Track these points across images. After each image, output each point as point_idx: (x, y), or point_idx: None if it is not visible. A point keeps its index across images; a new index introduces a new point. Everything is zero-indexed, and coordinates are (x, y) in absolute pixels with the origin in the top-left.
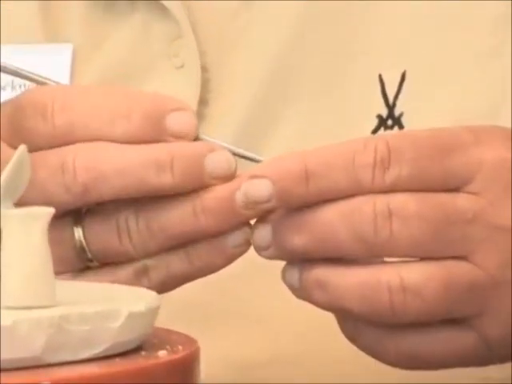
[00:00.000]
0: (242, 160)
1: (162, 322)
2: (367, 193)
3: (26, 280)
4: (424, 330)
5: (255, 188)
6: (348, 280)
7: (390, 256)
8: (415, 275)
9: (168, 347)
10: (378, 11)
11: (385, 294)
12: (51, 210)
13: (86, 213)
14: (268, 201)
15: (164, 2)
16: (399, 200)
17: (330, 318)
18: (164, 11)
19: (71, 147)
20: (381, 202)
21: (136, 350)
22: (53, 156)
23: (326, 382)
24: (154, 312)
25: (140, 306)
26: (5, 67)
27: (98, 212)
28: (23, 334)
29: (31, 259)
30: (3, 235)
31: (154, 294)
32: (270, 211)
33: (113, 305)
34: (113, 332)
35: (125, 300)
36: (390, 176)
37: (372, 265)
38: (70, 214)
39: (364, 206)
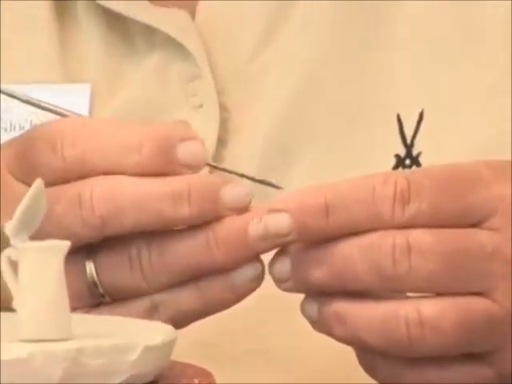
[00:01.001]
0: (258, 191)
1: (178, 356)
2: (387, 227)
3: (41, 313)
4: (441, 363)
5: (275, 221)
6: (366, 314)
7: (408, 290)
8: (433, 310)
9: (184, 380)
10: (396, 52)
11: (403, 328)
12: (67, 244)
13: (98, 247)
14: (287, 234)
15: (182, 42)
16: (418, 235)
17: (342, 355)
18: (182, 51)
19: (88, 180)
20: (400, 236)
21: (152, 383)
22: (69, 189)
23: None
24: (170, 345)
25: (156, 340)
26: (27, 100)
27: (110, 245)
28: (39, 366)
29: (47, 292)
30: (19, 268)
31: (170, 327)
32: (288, 244)
33: (129, 338)
34: (128, 365)
35: (141, 333)
36: (410, 210)
37: (390, 299)
38: (83, 249)
39: (383, 240)
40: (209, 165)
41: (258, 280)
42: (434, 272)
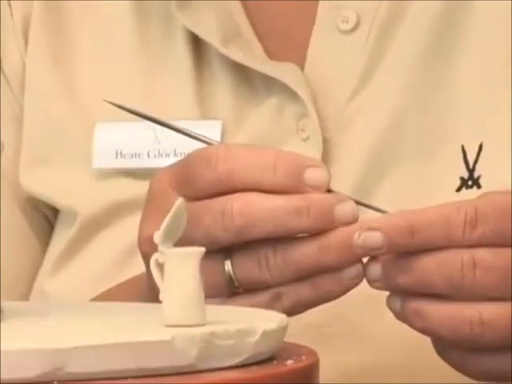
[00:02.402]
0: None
1: (290, 337)
2: (458, 246)
3: (182, 304)
4: (497, 353)
5: (371, 238)
6: (439, 313)
7: (472, 297)
8: (492, 312)
9: (294, 357)
10: (459, 97)
11: (467, 326)
12: (202, 250)
13: (234, 249)
14: (380, 248)
15: (295, 89)
16: (482, 253)
17: (419, 339)
18: (294, 95)
19: (229, 196)
20: (467, 255)
21: (269, 359)
22: (215, 203)
23: None
24: (283, 330)
25: (273, 325)
26: (173, 127)
27: (244, 248)
28: (180, 347)
29: (187, 288)
30: (165, 269)
31: (283, 315)
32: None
33: (251, 324)
34: (250, 346)
35: (260, 320)
36: (477, 233)
37: (458, 301)
38: (222, 250)
39: (454, 257)
40: (331, 189)
41: (360, 277)
42: (494, 283)
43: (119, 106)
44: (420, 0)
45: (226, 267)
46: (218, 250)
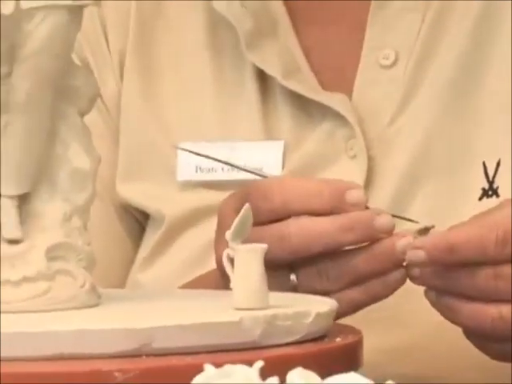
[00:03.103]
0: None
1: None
2: (490, 261)
3: (249, 290)
4: (510, 342)
5: (415, 255)
6: (467, 310)
7: (495, 299)
8: (509, 312)
9: (342, 335)
10: (482, 121)
11: (489, 321)
12: (265, 246)
13: (297, 264)
14: (423, 263)
15: (345, 115)
16: (504, 268)
17: (449, 326)
18: (344, 121)
19: (285, 222)
20: (491, 270)
21: (321, 337)
22: (272, 229)
23: (443, 362)
24: (333, 312)
25: (324, 308)
26: (234, 165)
27: (305, 263)
28: (246, 327)
29: (252, 277)
30: (235, 262)
31: (333, 301)
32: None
33: (306, 308)
34: (306, 326)
35: (314, 304)
36: (507, 250)
37: (483, 302)
38: (287, 266)
39: (481, 271)
40: (367, 207)
41: (404, 279)
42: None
43: (187, 150)
44: (448, 39)
45: (292, 280)
46: (283, 266)
